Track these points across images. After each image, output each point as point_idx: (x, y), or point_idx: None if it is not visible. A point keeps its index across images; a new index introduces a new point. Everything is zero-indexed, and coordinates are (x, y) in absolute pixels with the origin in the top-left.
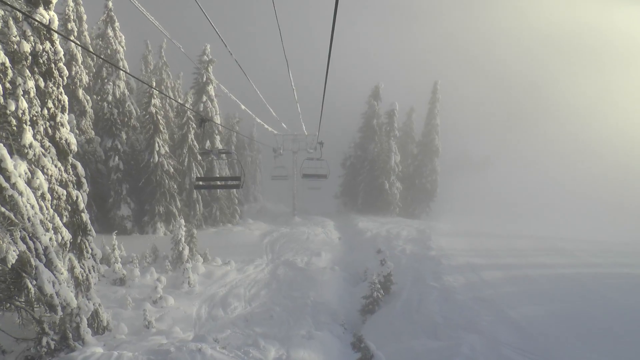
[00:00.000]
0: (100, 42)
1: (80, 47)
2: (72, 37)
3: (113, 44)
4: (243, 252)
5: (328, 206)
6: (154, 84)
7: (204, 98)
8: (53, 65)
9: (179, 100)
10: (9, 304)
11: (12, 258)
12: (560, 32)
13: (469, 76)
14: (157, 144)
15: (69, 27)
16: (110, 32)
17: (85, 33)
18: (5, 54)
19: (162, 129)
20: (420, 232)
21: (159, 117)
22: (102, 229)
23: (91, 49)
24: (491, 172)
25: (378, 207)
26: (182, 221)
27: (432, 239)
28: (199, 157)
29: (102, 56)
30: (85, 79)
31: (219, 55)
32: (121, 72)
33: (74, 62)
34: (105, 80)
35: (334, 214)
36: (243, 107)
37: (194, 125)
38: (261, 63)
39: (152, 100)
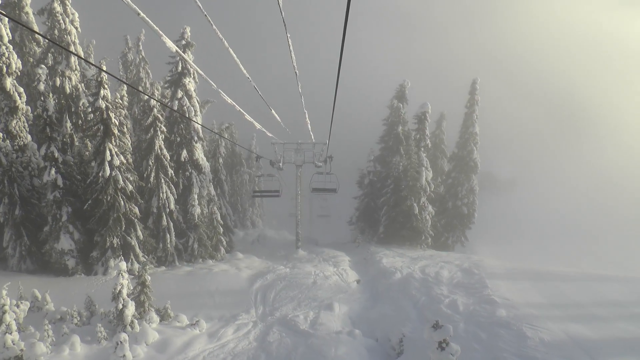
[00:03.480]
0: (46, 20)
1: (19, 26)
2: None
3: (62, 22)
4: (222, 304)
5: (341, 234)
6: (105, 67)
7: (180, 93)
8: None
9: (142, 90)
10: None
11: None
12: (606, 40)
13: (497, 90)
14: (108, 152)
15: None
16: (58, 7)
17: (28, 9)
18: None
19: (116, 131)
20: (468, 273)
21: (112, 114)
22: (36, 267)
23: (36, 29)
24: (517, 195)
25: (404, 237)
26: (123, 264)
27: (488, 285)
28: (171, 172)
29: (47, 37)
30: (17, 64)
31: (217, 61)
32: (72, 61)
33: None
34: (35, 64)
35: (349, 246)
36: (229, 100)
37: (163, 128)
38: (268, 68)
39: (102, 91)
